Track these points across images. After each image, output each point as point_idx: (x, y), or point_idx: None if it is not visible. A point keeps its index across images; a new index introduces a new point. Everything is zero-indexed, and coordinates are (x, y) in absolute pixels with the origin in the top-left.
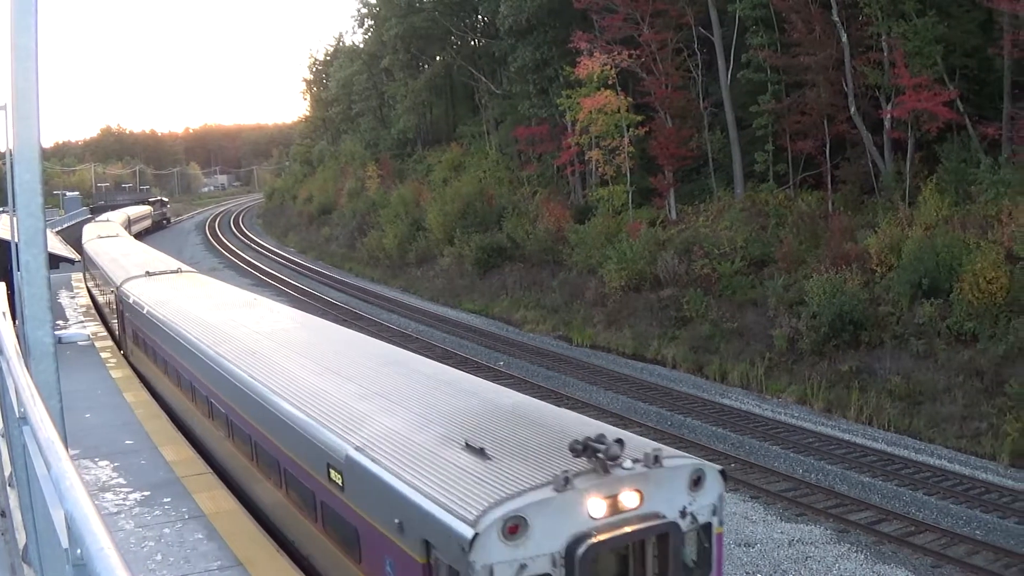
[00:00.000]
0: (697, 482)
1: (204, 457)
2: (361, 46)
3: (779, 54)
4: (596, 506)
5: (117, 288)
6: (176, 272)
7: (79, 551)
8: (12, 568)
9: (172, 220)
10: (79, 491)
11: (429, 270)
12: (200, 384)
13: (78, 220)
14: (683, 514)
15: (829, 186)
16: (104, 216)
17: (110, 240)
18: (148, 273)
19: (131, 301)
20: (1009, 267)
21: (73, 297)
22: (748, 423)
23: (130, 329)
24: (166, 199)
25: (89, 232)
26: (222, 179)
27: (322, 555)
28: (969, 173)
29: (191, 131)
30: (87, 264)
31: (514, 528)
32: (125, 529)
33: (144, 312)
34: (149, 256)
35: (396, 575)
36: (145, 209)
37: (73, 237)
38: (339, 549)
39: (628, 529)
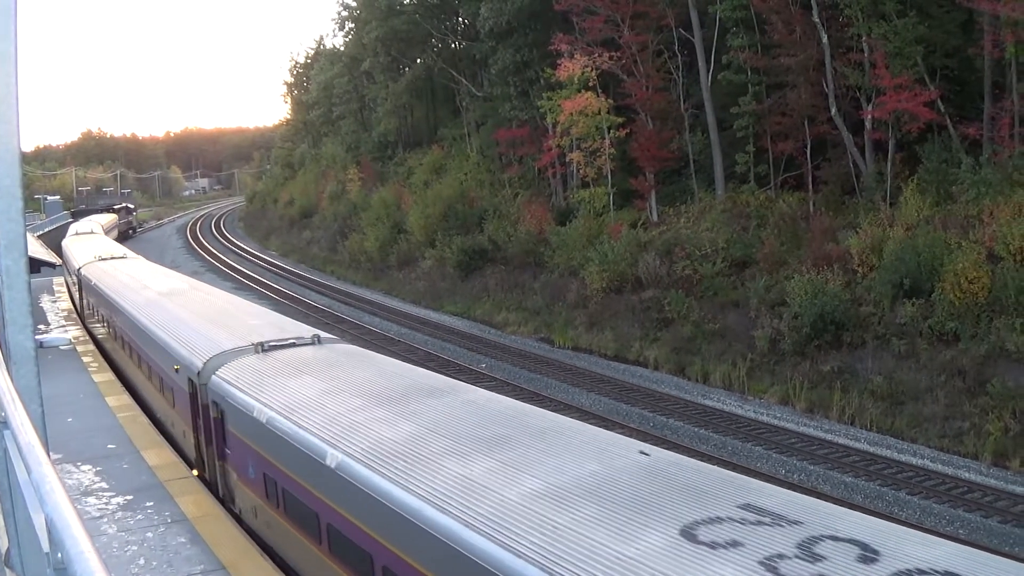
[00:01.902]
0: None
1: None
2: (342, 49)
3: (760, 55)
4: None
5: (199, 376)
6: (313, 343)
7: (60, 555)
8: None
9: (138, 229)
10: (60, 495)
11: (411, 273)
12: None
13: (59, 224)
14: None
15: (810, 187)
16: (86, 226)
17: (120, 265)
18: (262, 348)
19: (263, 420)
20: (990, 267)
21: (54, 301)
22: (730, 424)
23: (256, 469)
24: (132, 205)
25: (80, 250)
26: (203, 183)
27: None
28: (950, 173)
29: (172, 135)
30: (86, 296)
31: None
32: (108, 533)
33: (334, 468)
34: (217, 300)
35: None
36: (111, 218)
37: (55, 241)
38: None
39: None
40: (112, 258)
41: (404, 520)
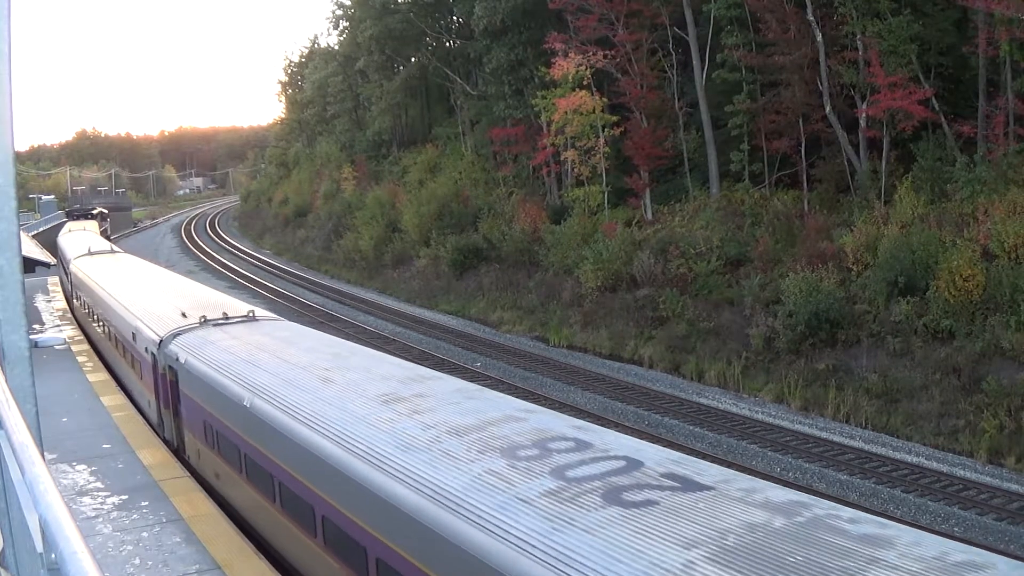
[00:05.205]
0: None
1: None
2: (336, 48)
3: (754, 54)
4: None
5: None
6: None
7: (53, 555)
8: None
9: (112, 237)
10: (53, 495)
11: (405, 271)
12: None
13: (53, 224)
14: None
15: (805, 185)
16: (99, 243)
17: (281, 348)
18: None
19: None
20: (985, 264)
21: (49, 301)
22: (725, 422)
23: None
24: (106, 211)
25: (130, 292)
26: (197, 182)
27: None
28: (945, 171)
29: (166, 134)
30: (215, 422)
31: None
32: (103, 533)
33: None
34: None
35: None
36: (92, 225)
37: (49, 240)
38: None
39: None
40: (227, 320)
41: None
